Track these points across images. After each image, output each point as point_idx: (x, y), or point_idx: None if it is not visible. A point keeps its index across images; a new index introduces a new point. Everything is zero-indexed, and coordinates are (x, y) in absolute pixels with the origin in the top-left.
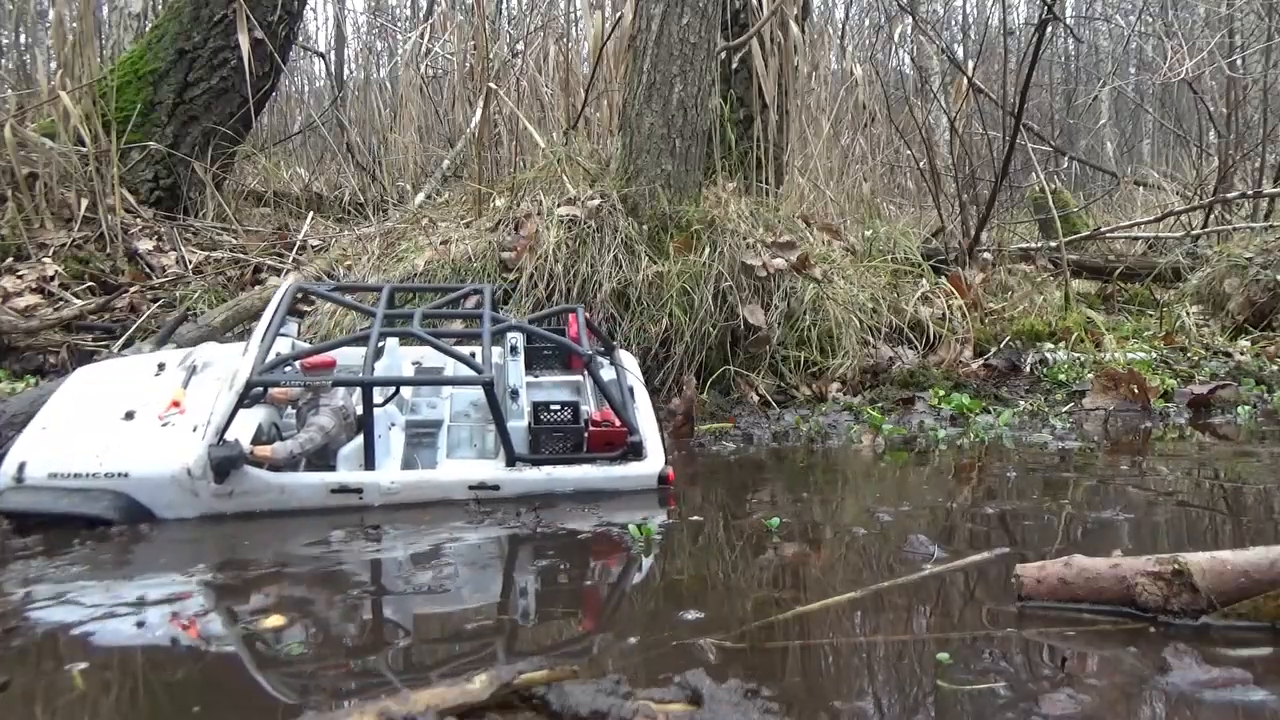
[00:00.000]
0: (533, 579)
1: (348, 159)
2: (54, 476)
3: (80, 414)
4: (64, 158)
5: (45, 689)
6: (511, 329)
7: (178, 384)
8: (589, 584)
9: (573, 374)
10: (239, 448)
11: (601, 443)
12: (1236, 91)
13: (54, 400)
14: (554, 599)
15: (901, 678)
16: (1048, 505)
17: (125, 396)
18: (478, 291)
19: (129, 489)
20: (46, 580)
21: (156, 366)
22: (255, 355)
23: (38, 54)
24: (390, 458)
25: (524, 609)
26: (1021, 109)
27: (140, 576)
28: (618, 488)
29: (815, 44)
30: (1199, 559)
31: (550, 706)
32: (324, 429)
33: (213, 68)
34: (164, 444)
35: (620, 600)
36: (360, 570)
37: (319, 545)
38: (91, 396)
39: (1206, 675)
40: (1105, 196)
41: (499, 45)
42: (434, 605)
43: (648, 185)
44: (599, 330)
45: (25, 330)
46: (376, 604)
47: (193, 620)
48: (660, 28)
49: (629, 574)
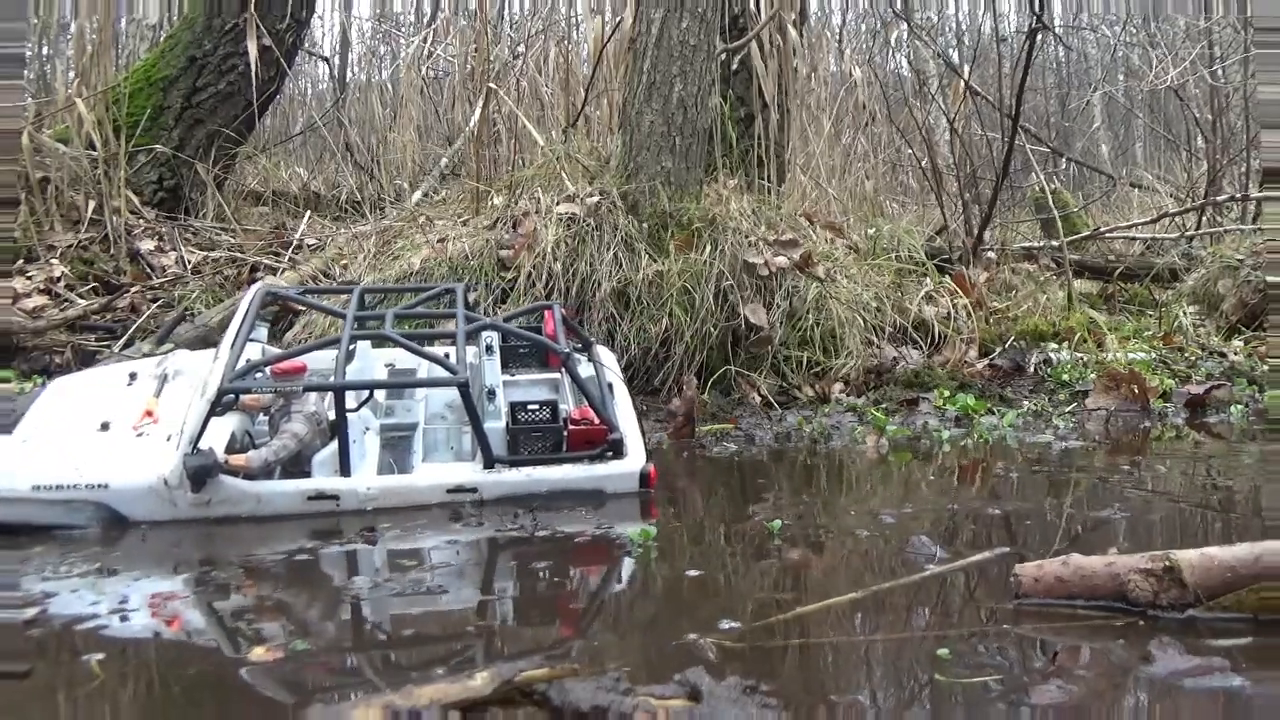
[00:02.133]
0: (532, 579)
1: (346, 158)
2: (38, 489)
3: (59, 426)
4: (75, 162)
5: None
6: (486, 328)
7: (150, 393)
8: (589, 584)
9: (550, 372)
10: (214, 456)
11: (581, 441)
12: (1219, 99)
13: (32, 412)
14: (554, 599)
15: (898, 674)
16: (1049, 505)
17: (100, 407)
18: (450, 291)
19: (109, 500)
20: (55, 579)
21: (129, 376)
22: (226, 363)
23: (58, 64)
24: (366, 462)
25: (524, 609)
26: (1018, 111)
27: (138, 576)
28: (599, 486)
29: (814, 47)
30: (1189, 555)
31: (551, 702)
32: (297, 435)
33: (221, 73)
34: (140, 454)
35: (620, 600)
36: (357, 569)
37: (318, 545)
38: (68, 408)
39: (1187, 664)
40: (1103, 198)
41: (500, 47)
42: (432, 605)
43: (648, 182)
44: (576, 327)
45: (33, 330)
46: (373, 603)
47: (196, 617)
48: (660, 31)
49: (629, 574)
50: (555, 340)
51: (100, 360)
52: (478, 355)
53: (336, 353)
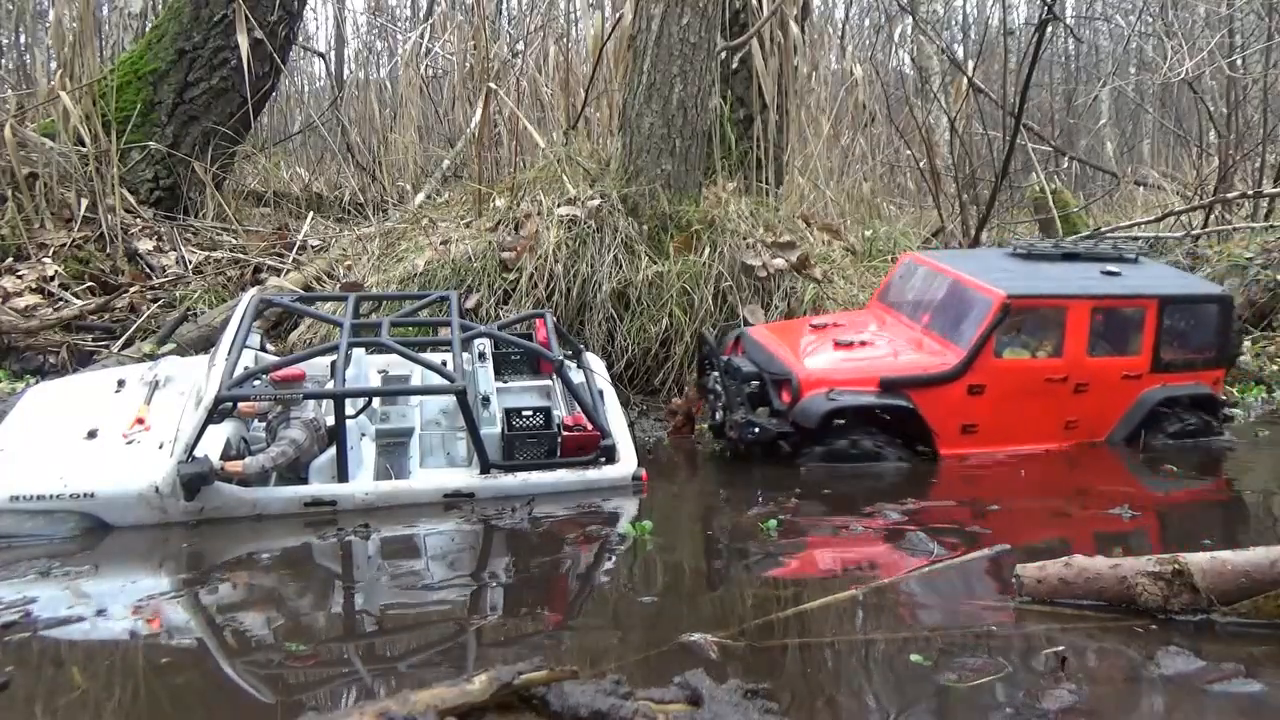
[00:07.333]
0: (532, 579)
1: (347, 159)
2: (16, 499)
3: (40, 434)
4: (64, 158)
5: (46, 688)
6: (480, 335)
7: (140, 400)
8: (588, 584)
9: (541, 378)
10: (209, 464)
11: (575, 447)
12: (1236, 91)
13: (10, 421)
14: (553, 599)
15: (901, 675)
16: (1049, 504)
17: (86, 415)
18: (444, 299)
19: (95, 509)
20: (45, 582)
21: (116, 383)
22: (223, 369)
23: (37, 54)
24: (363, 468)
25: (524, 609)
26: (1022, 109)
27: (133, 578)
28: (593, 490)
29: (815, 44)
30: (1199, 559)
31: (550, 707)
32: (295, 442)
33: (213, 68)
34: (130, 462)
35: (619, 600)
36: (351, 568)
37: (317, 544)
38: (50, 416)
39: (1203, 670)
40: (1105, 196)
41: (499, 45)
42: (431, 605)
43: (648, 185)
44: (566, 334)
45: (25, 330)
46: (368, 602)
47: (194, 620)
48: (660, 28)
49: (627, 574)
50: (548, 348)
51: (98, 361)
52: (471, 362)
53: (331, 359)
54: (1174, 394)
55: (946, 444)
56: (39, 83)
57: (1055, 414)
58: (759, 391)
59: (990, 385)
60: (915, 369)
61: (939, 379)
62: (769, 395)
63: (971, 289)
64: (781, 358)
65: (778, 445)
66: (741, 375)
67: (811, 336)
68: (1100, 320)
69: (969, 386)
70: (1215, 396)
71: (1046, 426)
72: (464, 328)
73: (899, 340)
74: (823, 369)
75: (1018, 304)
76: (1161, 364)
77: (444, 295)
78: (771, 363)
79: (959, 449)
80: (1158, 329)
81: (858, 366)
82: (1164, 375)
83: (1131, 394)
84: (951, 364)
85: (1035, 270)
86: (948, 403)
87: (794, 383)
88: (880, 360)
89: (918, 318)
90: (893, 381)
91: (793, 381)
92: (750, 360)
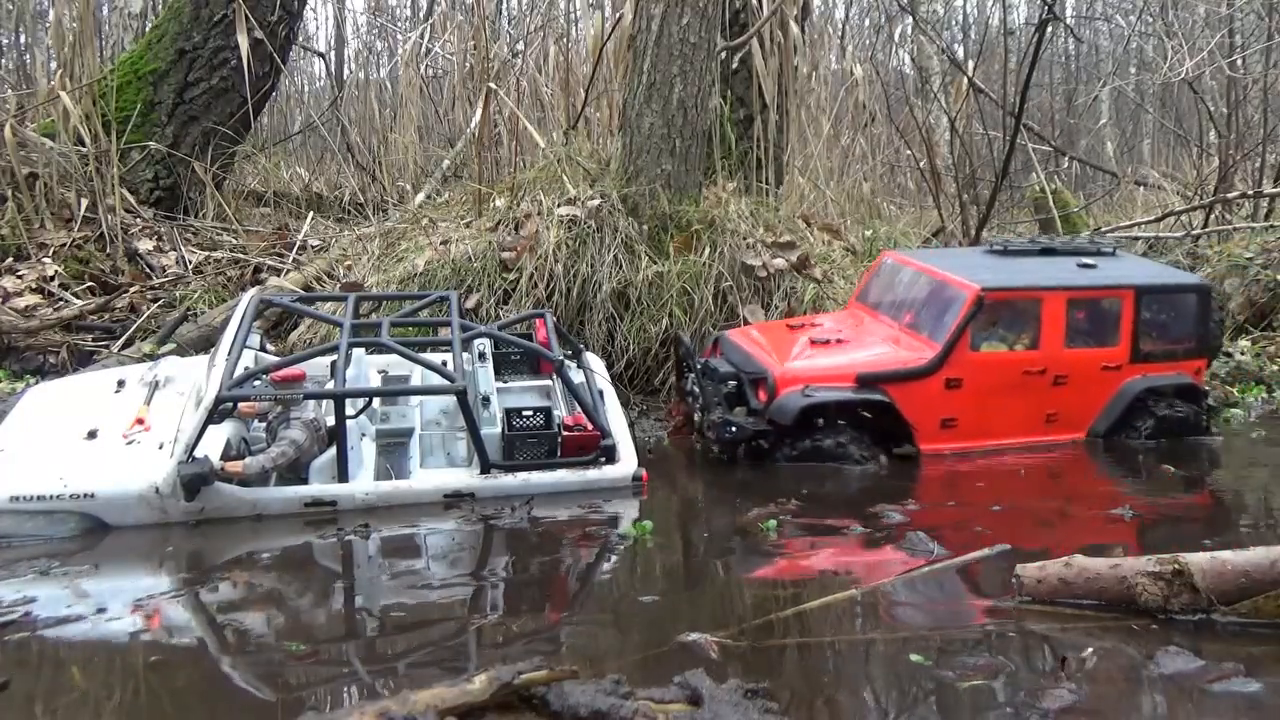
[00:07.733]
0: (532, 579)
1: (348, 159)
2: (16, 500)
3: (40, 435)
4: (64, 158)
5: (46, 688)
6: (481, 335)
7: (140, 401)
8: (588, 584)
9: (540, 378)
10: (209, 464)
11: (575, 447)
12: (1236, 91)
13: (9, 422)
14: (552, 599)
15: (901, 675)
16: (1049, 504)
17: (86, 415)
18: (444, 299)
19: (95, 509)
20: (45, 582)
21: (116, 383)
22: (223, 370)
23: (37, 54)
24: (363, 468)
25: (524, 609)
26: (1022, 109)
27: (133, 578)
28: (593, 490)
29: (815, 44)
30: (1199, 559)
31: (550, 706)
32: (295, 442)
33: (213, 68)
34: (130, 463)
35: (619, 600)
36: (351, 568)
37: (317, 544)
38: (50, 417)
39: (1202, 670)
40: (1106, 196)
41: (499, 45)
42: (430, 604)
43: (648, 185)
44: (566, 334)
45: (25, 330)
46: (368, 602)
47: (194, 619)
48: (660, 28)
49: (627, 574)
50: (548, 347)
51: (98, 361)
52: (471, 362)
53: (331, 359)
54: (1155, 384)
55: (926, 439)
56: (39, 83)
57: (1035, 407)
58: (736, 392)
59: (968, 379)
60: (891, 364)
61: (915, 373)
62: (746, 395)
63: (947, 284)
64: (758, 357)
65: (755, 444)
66: (718, 376)
67: (788, 336)
68: (1077, 312)
69: (946, 380)
70: (1197, 386)
71: (1027, 420)
72: (464, 328)
73: (876, 337)
74: (799, 367)
75: (992, 297)
76: (1141, 354)
77: (444, 295)
78: (748, 362)
79: (939, 444)
80: (1135, 319)
81: (834, 363)
82: (1144, 366)
83: (1112, 385)
84: (927, 358)
85: (1011, 265)
86: (925, 397)
87: (770, 381)
88: (856, 356)
89: (896, 316)
90: (869, 377)
91: (769, 379)
92: (727, 361)
